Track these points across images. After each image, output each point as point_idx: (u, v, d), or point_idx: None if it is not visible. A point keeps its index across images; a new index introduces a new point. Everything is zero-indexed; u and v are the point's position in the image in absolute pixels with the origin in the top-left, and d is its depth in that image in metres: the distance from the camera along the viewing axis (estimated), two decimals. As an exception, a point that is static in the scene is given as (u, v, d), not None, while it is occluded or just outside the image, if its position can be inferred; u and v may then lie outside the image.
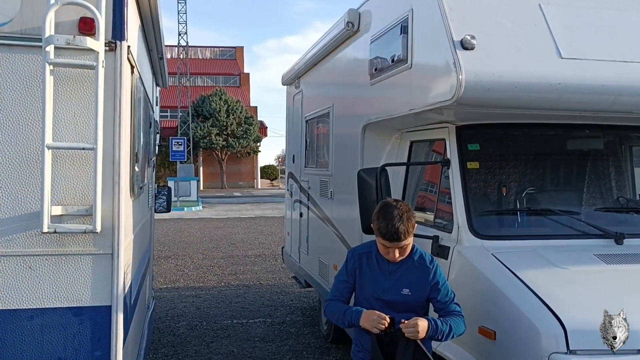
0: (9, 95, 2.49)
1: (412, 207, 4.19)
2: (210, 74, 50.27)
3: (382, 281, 2.86)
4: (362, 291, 2.91)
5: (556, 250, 3.28)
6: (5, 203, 2.48)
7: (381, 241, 2.79)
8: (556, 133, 3.87)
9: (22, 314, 2.47)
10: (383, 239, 2.76)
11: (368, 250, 2.96)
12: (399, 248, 2.78)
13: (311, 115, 6.61)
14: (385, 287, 2.85)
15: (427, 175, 4.16)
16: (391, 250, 2.78)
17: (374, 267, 2.90)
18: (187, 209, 23.56)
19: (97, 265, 2.54)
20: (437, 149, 3.99)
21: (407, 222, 2.73)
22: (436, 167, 3.89)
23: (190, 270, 10.58)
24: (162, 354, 5.96)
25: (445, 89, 3.19)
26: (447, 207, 3.67)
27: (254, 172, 46.39)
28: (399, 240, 2.73)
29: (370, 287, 2.87)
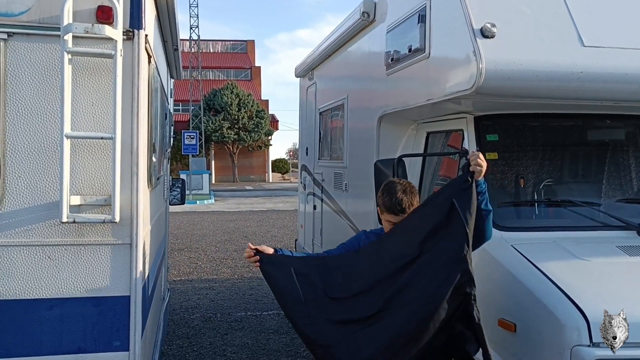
0: (28, 84, 2.48)
1: (429, 199, 4.18)
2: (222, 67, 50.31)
3: None
4: None
5: (577, 242, 3.23)
6: (24, 193, 2.48)
7: (386, 217, 2.81)
8: (576, 123, 3.81)
9: (42, 304, 2.47)
10: (388, 212, 2.79)
11: (378, 232, 3.01)
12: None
13: (325, 107, 6.58)
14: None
15: (444, 166, 4.11)
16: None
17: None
18: (200, 202, 23.65)
19: (115, 255, 2.53)
20: (454, 139, 3.94)
21: (411, 195, 2.80)
22: (454, 157, 3.84)
23: (204, 262, 10.61)
24: (177, 345, 5.99)
25: (464, 78, 3.14)
26: (465, 198, 3.62)
27: (266, 166, 46.45)
28: (403, 212, 2.76)
29: None
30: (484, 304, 3.19)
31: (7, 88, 2.45)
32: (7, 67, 2.46)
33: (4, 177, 2.45)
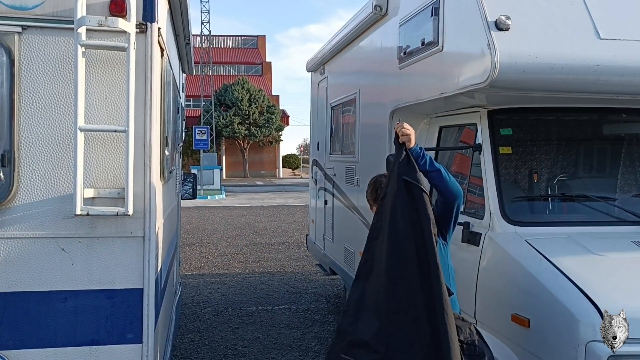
0: (42, 77, 2.49)
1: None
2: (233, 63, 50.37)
3: None
4: None
5: (592, 237, 3.20)
6: (38, 185, 2.49)
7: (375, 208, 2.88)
8: (591, 117, 3.77)
9: (56, 296, 2.49)
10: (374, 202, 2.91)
11: None
12: None
13: (337, 101, 6.56)
14: None
15: (457, 160, 4.09)
16: None
17: None
18: (211, 197, 23.73)
19: (129, 248, 2.54)
20: (467, 134, 3.91)
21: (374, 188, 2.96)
22: (467, 153, 3.82)
23: (215, 257, 10.65)
24: (189, 339, 6.01)
25: (478, 71, 3.11)
26: (478, 192, 3.60)
27: (276, 161, 46.49)
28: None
29: None
30: (497, 299, 3.19)
31: (22, 81, 2.47)
32: (21, 60, 2.47)
33: (18, 169, 2.46)
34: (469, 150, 3.74)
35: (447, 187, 2.81)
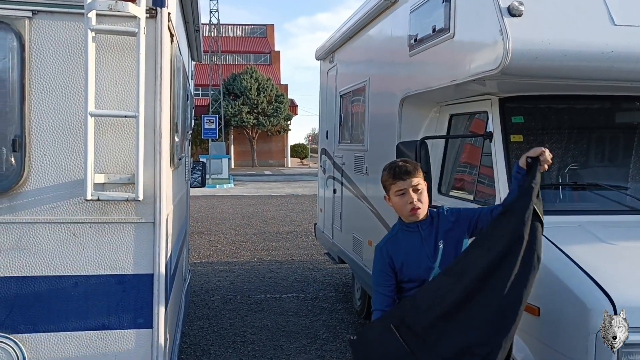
0: (52, 62, 2.49)
1: (451, 182, 4.13)
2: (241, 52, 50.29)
3: (421, 250, 2.74)
4: (408, 272, 2.74)
5: (604, 226, 3.17)
6: (49, 171, 2.50)
7: (395, 188, 2.70)
8: (604, 105, 3.72)
9: (67, 280, 2.50)
10: (394, 179, 2.69)
11: (392, 235, 2.85)
12: (413, 188, 2.68)
13: (346, 89, 6.53)
14: (426, 253, 2.73)
15: (467, 149, 4.06)
16: (407, 194, 2.67)
17: (407, 244, 2.77)
18: (219, 186, 23.79)
19: (139, 233, 2.55)
20: (478, 122, 3.88)
21: (415, 164, 2.75)
22: (477, 141, 3.79)
23: (224, 245, 10.69)
24: (198, 326, 6.05)
25: (490, 58, 3.08)
26: (489, 180, 3.58)
27: (284, 151, 46.50)
28: (409, 174, 2.67)
29: (414, 264, 2.73)
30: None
31: (32, 66, 2.47)
32: (31, 45, 2.47)
33: (29, 155, 2.47)
34: (479, 138, 3.71)
35: None
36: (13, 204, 2.46)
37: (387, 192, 2.78)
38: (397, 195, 2.71)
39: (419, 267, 2.73)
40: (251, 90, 39.89)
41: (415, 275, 2.73)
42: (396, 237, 2.81)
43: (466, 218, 2.79)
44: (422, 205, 2.71)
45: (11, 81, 2.45)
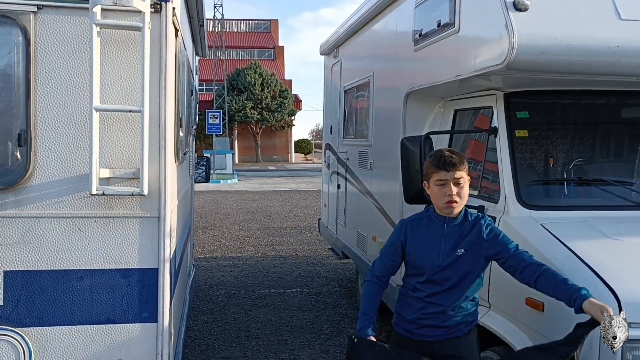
0: (57, 57, 2.50)
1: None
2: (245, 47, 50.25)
3: (436, 245, 2.69)
4: (416, 259, 2.73)
5: (609, 222, 3.16)
6: (54, 165, 2.51)
7: (436, 177, 2.63)
8: (609, 100, 3.71)
9: (72, 275, 2.51)
10: (437, 168, 2.62)
11: (418, 218, 2.82)
12: (454, 182, 2.61)
13: (350, 84, 6.52)
14: (441, 250, 2.68)
15: (472, 144, 4.05)
16: (447, 186, 2.61)
17: (426, 233, 2.74)
18: (223, 181, 23.83)
19: (144, 228, 2.56)
20: (483, 117, 3.87)
21: (462, 157, 2.67)
22: (482, 136, 3.78)
23: (228, 240, 10.71)
24: (202, 320, 6.07)
25: (496, 53, 3.07)
26: (493, 176, 3.57)
27: (288, 146, 46.50)
28: (453, 166, 2.60)
29: (424, 254, 2.71)
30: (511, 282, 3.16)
31: (37, 61, 2.47)
32: (36, 39, 2.48)
33: (35, 149, 2.47)
34: (484, 134, 3.70)
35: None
36: (19, 199, 2.47)
37: (427, 179, 2.72)
38: (437, 184, 2.65)
39: (428, 260, 2.70)
40: (255, 86, 39.87)
41: (420, 265, 2.72)
42: (420, 221, 2.79)
43: (499, 247, 2.69)
44: (459, 200, 2.65)
45: (16, 76, 2.46)
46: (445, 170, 2.61)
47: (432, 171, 2.67)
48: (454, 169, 2.61)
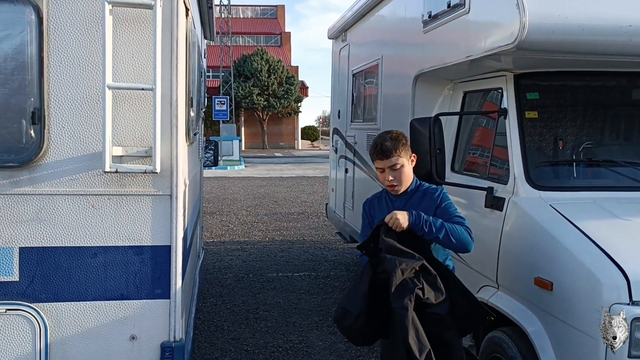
0: (70, 35, 2.51)
1: (465, 159, 4.13)
2: (252, 33, 50.05)
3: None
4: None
5: (618, 202, 3.17)
6: (68, 143, 2.53)
7: (375, 164, 2.87)
8: (620, 81, 3.69)
9: (86, 251, 2.55)
10: (375, 158, 2.84)
11: (378, 195, 3.05)
12: (390, 168, 2.81)
13: (358, 68, 6.50)
14: None
15: (481, 125, 4.05)
16: (385, 172, 2.83)
17: (384, 207, 2.95)
18: (230, 167, 23.87)
19: (156, 205, 2.58)
20: (492, 98, 3.86)
21: (396, 142, 2.82)
22: (491, 118, 3.77)
23: (235, 225, 10.76)
24: (211, 303, 6.13)
25: (506, 32, 3.06)
26: (503, 158, 3.57)
27: (295, 133, 46.45)
28: (386, 154, 2.78)
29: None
30: (520, 263, 3.18)
31: (50, 39, 2.48)
32: (49, 18, 2.49)
33: (48, 127, 2.50)
34: (493, 115, 3.70)
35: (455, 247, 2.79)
36: (33, 176, 2.50)
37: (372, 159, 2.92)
38: (378, 171, 2.89)
39: None
40: (262, 72, 39.76)
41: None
42: (380, 199, 3.03)
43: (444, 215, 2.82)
44: (397, 184, 2.86)
45: (30, 54, 2.47)
46: (379, 159, 2.83)
47: (372, 158, 2.90)
48: (387, 158, 2.80)
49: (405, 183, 2.89)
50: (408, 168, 2.89)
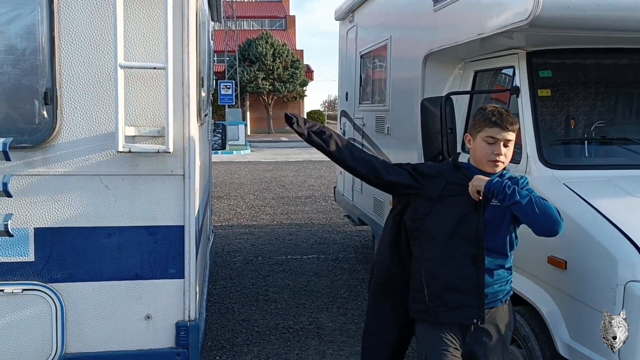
0: (80, 14, 2.49)
1: (475, 139, 4.09)
2: (256, 17, 49.72)
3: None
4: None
5: (633, 180, 3.14)
6: (80, 123, 2.52)
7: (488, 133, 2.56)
8: (633, 59, 3.63)
9: (101, 232, 2.55)
10: (493, 125, 2.55)
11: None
12: (506, 141, 2.58)
13: (367, 49, 6.45)
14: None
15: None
16: (496, 145, 2.57)
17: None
18: (236, 152, 23.87)
19: (169, 185, 2.58)
20: (504, 77, 3.82)
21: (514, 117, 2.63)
22: (503, 96, 3.74)
23: (243, 209, 10.79)
24: (221, 285, 6.17)
25: (520, 8, 3.01)
26: (515, 137, 3.54)
27: (300, 117, 46.26)
28: (510, 126, 2.56)
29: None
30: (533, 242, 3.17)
31: (61, 19, 2.46)
32: (60, -4, 2.46)
33: (60, 107, 2.49)
34: (505, 94, 3.66)
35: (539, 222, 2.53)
36: (46, 157, 2.50)
37: (474, 132, 2.66)
38: (486, 140, 2.60)
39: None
40: (267, 56, 39.56)
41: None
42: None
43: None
44: (505, 161, 2.64)
45: (41, 34, 2.46)
46: (500, 128, 2.55)
47: (485, 125, 2.59)
48: (508, 130, 2.56)
49: (506, 164, 2.68)
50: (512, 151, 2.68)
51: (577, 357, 2.74)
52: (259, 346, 4.65)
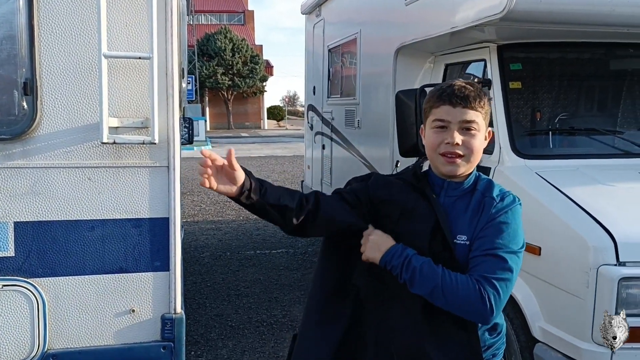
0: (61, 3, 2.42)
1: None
2: (214, 11, 49.07)
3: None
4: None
5: (601, 169, 3.28)
6: (61, 114, 2.46)
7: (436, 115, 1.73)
8: (601, 52, 3.79)
9: (83, 225, 2.50)
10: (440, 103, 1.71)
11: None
12: (462, 123, 1.70)
13: (335, 43, 6.48)
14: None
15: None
16: (450, 130, 1.70)
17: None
18: (197, 148, 23.57)
19: (154, 177, 2.55)
20: (474, 70, 3.92)
21: (481, 93, 1.73)
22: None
23: (208, 205, 10.69)
24: (191, 281, 6.11)
25: (494, 2, 3.10)
26: (487, 128, 3.64)
27: (261, 113, 46.07)
28: (464, 101, 1.69)
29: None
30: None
31: (40, 6, 2.39)
32: (38, -16, 2.40)
33: (41, 98, 2.42)
34: (478, 86, 3.75)
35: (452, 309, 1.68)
36: (26, 149, 2.42)
37: (425, 120, 1.81)
38: (434, 127, 1.74)
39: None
40: (226, 51, 39.16)
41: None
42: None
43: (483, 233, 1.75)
44: (466, 153, 1.72)
45: (19, 23, 2.38)
46: (449, 104, 1.69)
47: (431, 105, 1.76)
48: (463, 105, 1.69)
49: (472, 161, 1.75)
50: (481, 141, 1.74)
51: (552, 339, 2.84)
52: (233, 340, 4.64)
